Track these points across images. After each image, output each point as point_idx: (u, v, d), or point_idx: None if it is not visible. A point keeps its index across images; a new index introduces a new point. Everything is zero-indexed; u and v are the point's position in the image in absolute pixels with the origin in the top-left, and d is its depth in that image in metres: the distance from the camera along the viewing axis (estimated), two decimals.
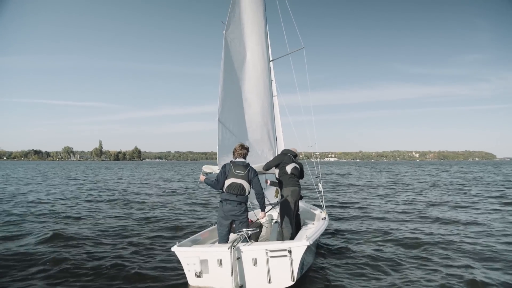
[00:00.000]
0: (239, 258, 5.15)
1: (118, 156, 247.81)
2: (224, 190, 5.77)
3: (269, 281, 5.10)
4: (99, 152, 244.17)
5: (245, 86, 7.31)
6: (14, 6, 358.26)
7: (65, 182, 28.39)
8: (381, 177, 35.12)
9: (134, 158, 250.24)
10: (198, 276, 5.30)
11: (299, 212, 7.37)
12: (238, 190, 5.70)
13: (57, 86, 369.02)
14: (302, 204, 8.64)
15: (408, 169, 61.19)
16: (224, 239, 5.78)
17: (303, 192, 7.86)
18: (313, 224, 7.19)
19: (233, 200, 5.70)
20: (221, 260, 5.19)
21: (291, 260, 5.05)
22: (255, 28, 7.36)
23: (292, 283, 5.07)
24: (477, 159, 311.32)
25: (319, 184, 8.41)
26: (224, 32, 6.56)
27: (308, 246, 5.09)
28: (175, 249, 5.41)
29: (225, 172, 5.80)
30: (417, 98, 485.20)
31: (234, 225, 5.81)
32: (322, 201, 8.31)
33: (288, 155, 6.99)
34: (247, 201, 5.87)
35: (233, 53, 6.85)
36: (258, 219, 6.94)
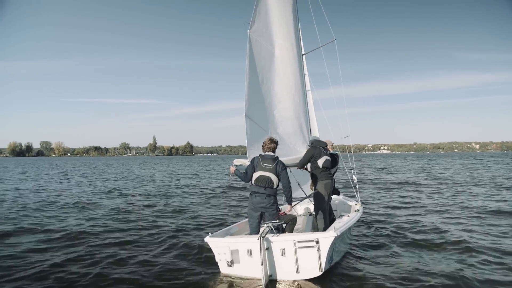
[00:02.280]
0: (268, 249, 5.32)
1: (171, 151, 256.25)
2: (253, 183, 5.92)
3: (297, 271, 5.24)
4: (153, 148, 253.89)
5: (273, 82, 7.43)
6: (75, 12, 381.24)
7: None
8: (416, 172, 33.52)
9: (186, 153, 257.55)
10: (230, 266, 5.54)
11: (331, 204, 7.40)
12: (266, 183, 5.82)
13: (113, 85, 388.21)
14: (339, 196, 8.70)
15: (460, 161, 57.72)
16: (255, 231, 5.92)
17: (340, 188, 7.91)
18: (348, 216, 7.22)
19: (262, 192, 5.83)
20: (251, 250, 5.39)
21: (319, 250, 5.15)
22: (282, 24, 7.42)
23: (320, 273, 5.20)
24: None
25: (354, 176, 8.43)
26: (248, 31, 6.73)
27: (335, 237, 5.15)
28: (207, 239, 5.68)
29: (253, 165, 5.96)
30: (476, 86, 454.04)
31: (264, 217, 5.95)
32: (356, 193, 8.35)
33: (319, 148, 6.95)
34: (276, 194, 5.97)
35: (258, 51, 7.00)
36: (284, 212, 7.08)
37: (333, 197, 7.89)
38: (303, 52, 8.45)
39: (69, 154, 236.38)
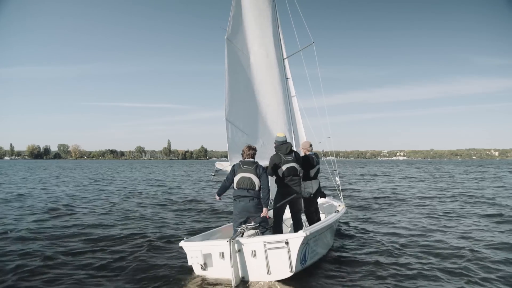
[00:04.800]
0: (240, 251, 5.41)
1: (186, 155, 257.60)
2: (235, 187, 6.04)
3: (269, 272, 5.31)
4: (168, 151, 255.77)
5: (252, 88, 7.58)
6: (94, 18, 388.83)
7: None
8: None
9: (200, 157, 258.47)
10: (204, 269, 5.66)
11: (318, 207, 7.46)
12: (247, 184, 5.94)
13: (130, 89, 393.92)
14: (325, 199, 8.70)
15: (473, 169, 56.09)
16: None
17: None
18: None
19: (245, 195, 5.94)
20: (223, 253, 5.49)
21: (289, 251, 5.20)
22: (257, 31, 7.63)
23: (291, 274, 5.23)
24: None
25: (337, 178, 8.62)
26: (225, 37, 6.88)
27: (305, 237, 5.19)
28: (182, 243, 5.78)
29: (234, 170, 6.11)
30: (496, 91, 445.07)
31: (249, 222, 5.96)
32: (340, 194, 8.50)
33: (279, 155, 6.57)
34: (259, 197, 6.03)
35: (235, 57, 7.16)
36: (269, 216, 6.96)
37: (319, 200, 7.88)
38: (285, 57, 8.58)
39: (85, 157, 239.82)
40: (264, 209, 6.07)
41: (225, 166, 7.07)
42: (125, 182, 27.31)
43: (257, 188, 5.97)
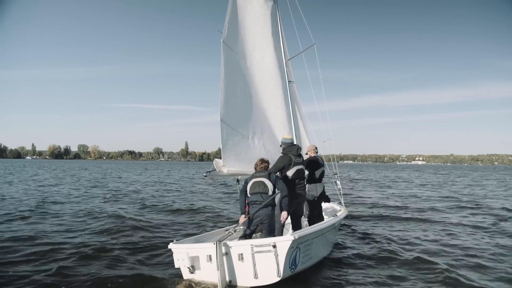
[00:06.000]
0: (227, 254, 5.29)
1: (203, 157, 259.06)
2: (249, 193, 5.97)
3: (256, 277, 5.16)
4: (185, 153, 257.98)
5: (249, 91, 7.55)
6: (115, 22, 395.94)
7: None
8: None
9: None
10: (192, 272, 5.55)
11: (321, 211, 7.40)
12: (260, 187, 5.88)
13: (148, 91, 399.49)
14: (329, 204, 8.50)
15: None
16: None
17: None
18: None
19: (258, 200, 5.82)
20: (210, 256, 5.37)
21: (276, 255, 5.03)
22: (256, 33, 7.61)
23: (278, 279, 5.08)
24: None
25: (338, 182, 8.48)
26: (221, 40, 6.86)
27: (293, 240, 5.04)
28: (171, 246, 5.70)
29: (246, 181, 6.10)
30: None
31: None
32: (341, 198, 8.37)
33: (289, 156, 6.54)
34: (274, 204, 5.95)
35: (231, 60, 7.13)
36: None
37: (323, 205, 7.78)
38: (286, 59, 8.47)
39: (104, 158, 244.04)
40: (283, 212, 5.96)
41: (220, 164, 6.97)
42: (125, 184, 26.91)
43: (270, 192, 5.88)
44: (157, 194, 18.72)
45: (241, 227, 5.87)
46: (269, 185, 5.88)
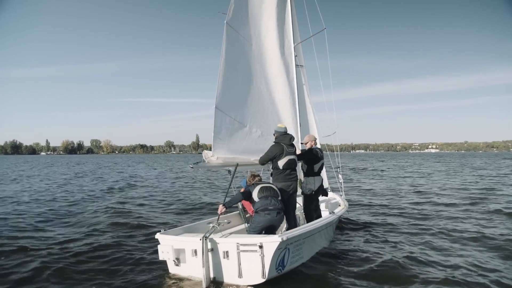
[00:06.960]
0: (213, 250, 5.08)
1: None
2: (257, 198, 5.68)
3: (240, 276, 4.96)
4: (196, 146, 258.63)
5: (252, 77, 7.09)
6: (126, 20, 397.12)
7: None
8: None
9: None
10: (177, 265, 5.38)
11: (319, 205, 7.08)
12: (270, 191, 5.70)
13: (159, 85, 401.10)
14: (327, 197, 7.95)
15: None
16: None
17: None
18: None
19: (271, 204, 5.57)
20: (195, 250, 5.18)
21: (262, 256, 4.78)
22: (265, 15, 7.20)
23: (263, 280, 4.87)
24: None
25: (340, 176, 8.16)
26: (225, 21, 6.43)
27: (280, 242, 4.77)
28: (157, 235, 5.52)
29: (249, 191, 5.81)
30: None
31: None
32: (342, 193, 8.03)
33: (281, 145, 6.17)
34: (283, 209, 5.75)
35: (235, 44, 6.69)
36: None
37: (321, 198, 7.31)
38: (295, 43, 8.03)
39: (116, 152, 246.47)
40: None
41: (209, 155, 6.45)
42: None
43: (279, 197, 5.76)
44: None
45: (225, 221, 5.66)
46: (277, 189, 5.83)
